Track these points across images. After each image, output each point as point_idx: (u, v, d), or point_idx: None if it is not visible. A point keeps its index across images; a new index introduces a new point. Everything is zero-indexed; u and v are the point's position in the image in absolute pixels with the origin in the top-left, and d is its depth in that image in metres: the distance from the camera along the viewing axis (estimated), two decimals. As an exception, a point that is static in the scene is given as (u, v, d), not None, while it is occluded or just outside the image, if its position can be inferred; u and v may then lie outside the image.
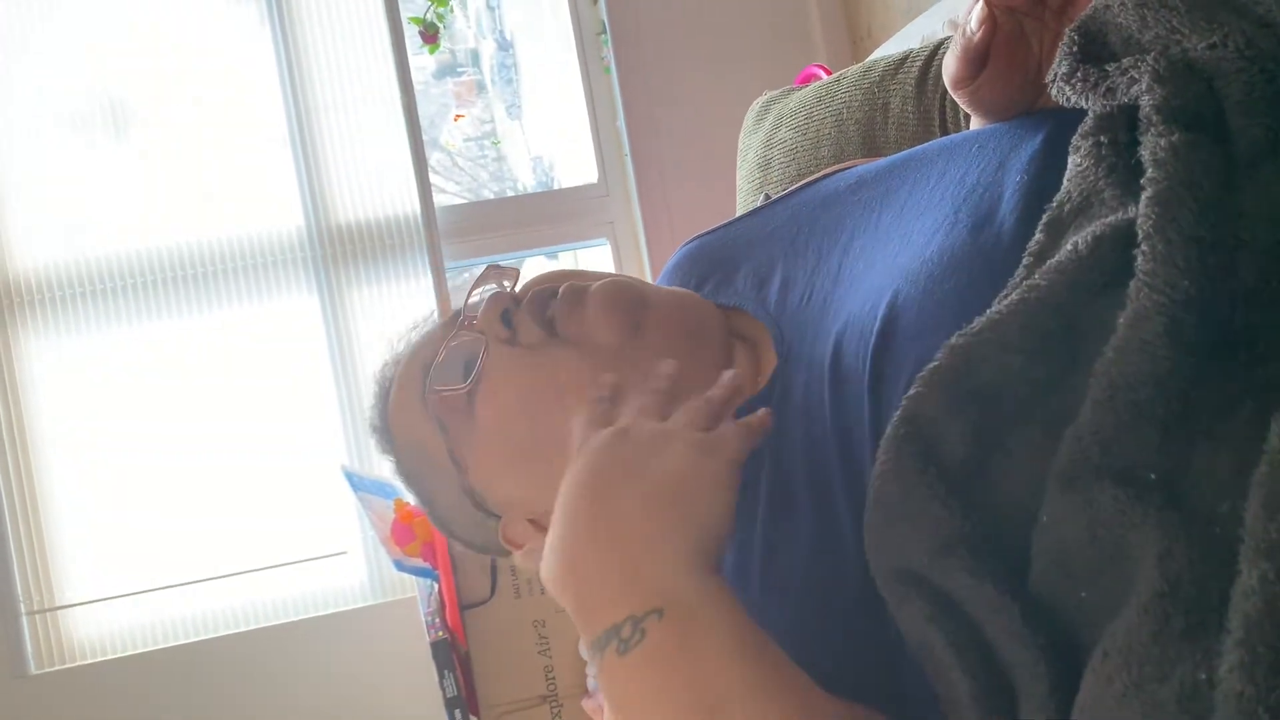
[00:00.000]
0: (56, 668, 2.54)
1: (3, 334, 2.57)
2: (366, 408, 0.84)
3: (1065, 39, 0.56)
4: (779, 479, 0.63)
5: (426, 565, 2.00)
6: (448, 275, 2.70)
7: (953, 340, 0.49)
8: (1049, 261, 0.49)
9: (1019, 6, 0.63)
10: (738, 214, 0.89)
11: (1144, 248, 0.44)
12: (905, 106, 1.10)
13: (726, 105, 2.43)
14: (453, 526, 0.80)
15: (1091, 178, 0.51)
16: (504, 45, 3.11)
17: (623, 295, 0.71)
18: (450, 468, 0.74)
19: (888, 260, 0.63)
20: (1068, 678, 0.42)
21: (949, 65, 0.65)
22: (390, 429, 0.79)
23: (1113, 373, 0.43)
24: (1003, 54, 0.63)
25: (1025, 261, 0.52)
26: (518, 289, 0.76)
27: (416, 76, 2.78)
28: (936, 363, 0.49)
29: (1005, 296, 0.49)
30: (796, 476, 0.62)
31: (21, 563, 2.54)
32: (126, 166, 2.67)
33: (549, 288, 0.73)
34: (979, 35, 0.62)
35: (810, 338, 0.66)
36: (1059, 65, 0.56)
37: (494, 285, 0.77)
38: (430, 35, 2.73)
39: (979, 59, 0.63)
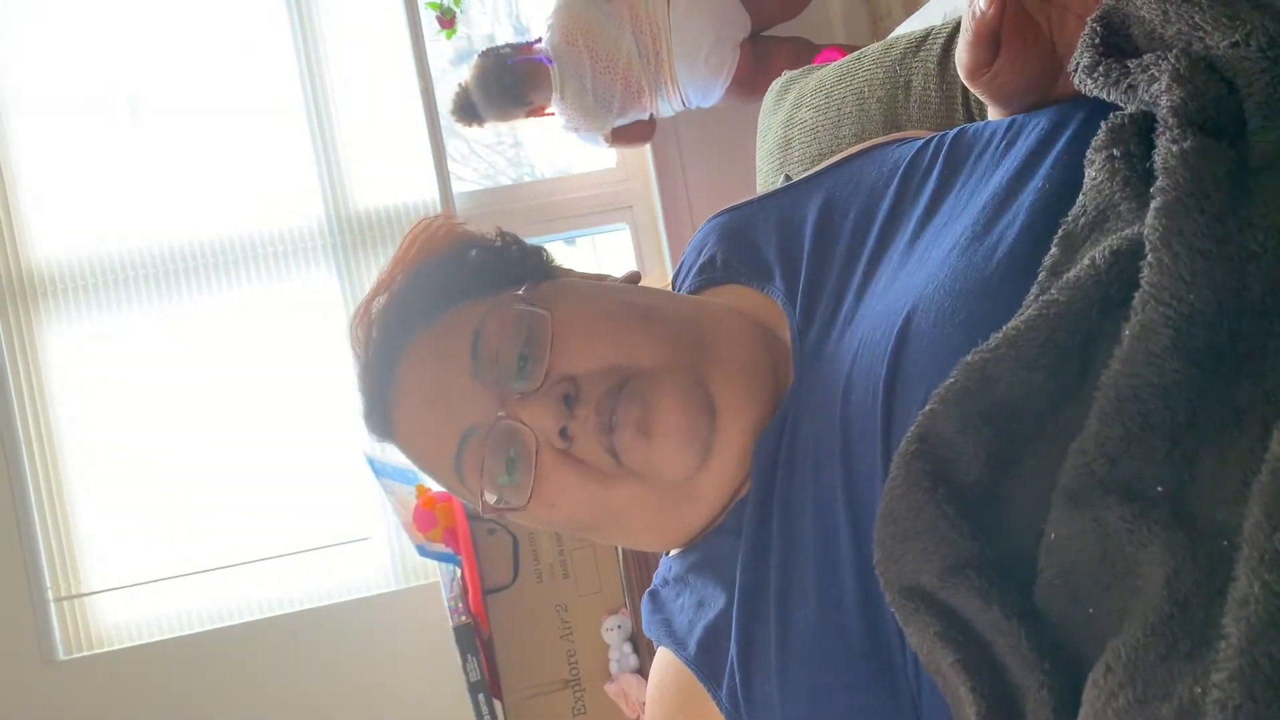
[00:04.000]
0: (85, 653, 2.57)
1: (27, 324, 2.59)
2: (355, 390, 0.75)
3: (1087, 29, 0.55)
4: (788, 519, 0.62)
5: (449, 550, 2.01)
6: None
7: (969, 358, 0.48)
8: (1066, 276, 0.48)
9: None
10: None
11: (1150, 259, 0.43)
12: (928, 85, 1.09)
13: (745, 87, 2.42)
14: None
15: (1106, 191, 0.50)
16: (520, 30, 3.10)
17: (691, 427, 0.64)
18: (485, 509, 0.71)
19: (905, 278, 0.62)
20: (1072, 698, 0.42)
21: (962, 55, 0.63)
22: (401, 443, 0.74)
23: (1120, 385, 0.42)
24: (1014, 35, 0.61)
25: (1040, 277, 0.51)
26: (552, 341, 0.66)
27: (434, 63, 2.77)
28: (952, 380, 0.48)
29: (1022, 313, 0.49)
30: (805, 517, 0.60)
31: (49, 550, 2.57)
32: (146, 157, 2.69)
33: (605, 392, 0.64)
34: (991, 11, 0.60)
35: (825, 359, 0.65)
36: (1080, 56, 0.55)
37: (521, 331, 0.67)
38: (447, 20, 2.73)
39: (992, 40, 0.61)
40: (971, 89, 0.66)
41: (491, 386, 0.66)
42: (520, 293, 0.69)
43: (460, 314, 0.70)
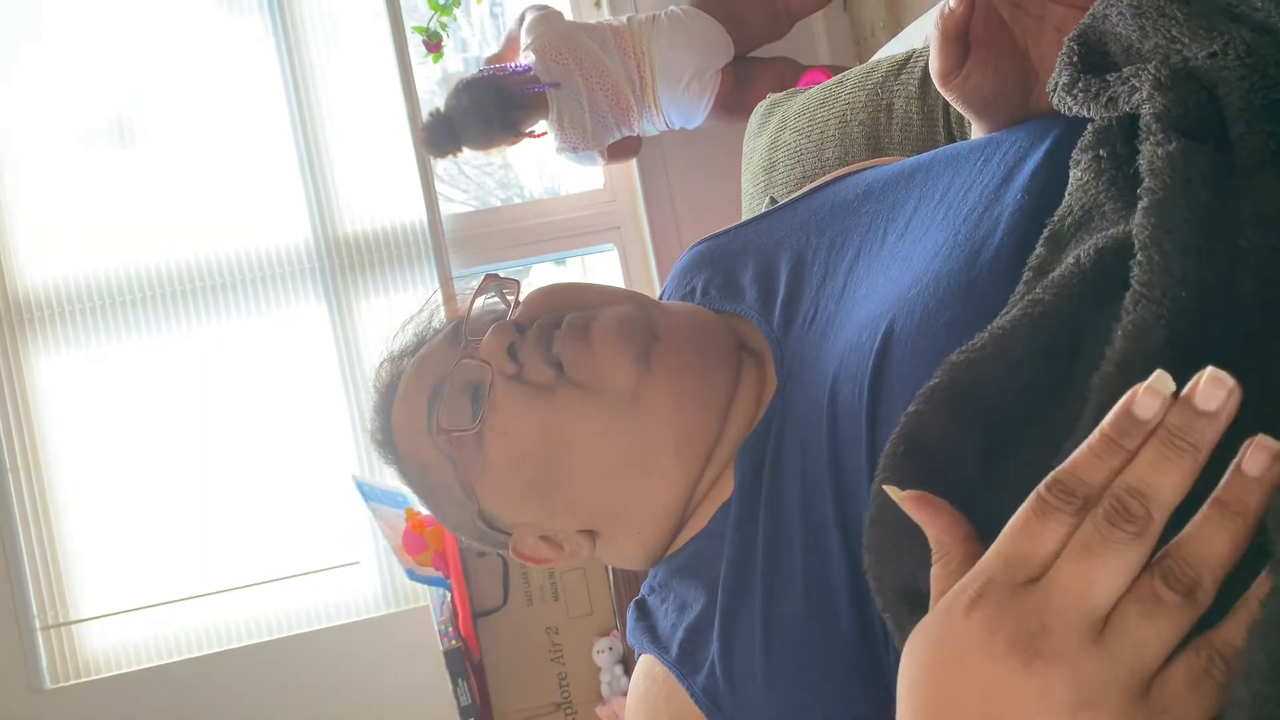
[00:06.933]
0: (72, 682, 2.55)
1: (14, 350, 2.58)
2: (367, 416, 0.82)
3: (1064, 48, 0.56)
4: (775, 518, 0.62)
5: (439, 574, 2.01)
6: (455, 283, 2.71)
7: (954, 357, 0.48)
8: (1051, 275, 0.48)
9: None
10: (744, 218, 0.89)
11: (1140, 258, 0.43)
12: (909, 107, 1.10)
13: (731, 108, 2.44)
14: (461, 535, 0.81)
15: (1092, 191, 0.50)
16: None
17: (630, 332, 0.68)
18: (459, 491, 0.74)
19: (887, 284, 0.62)
20: None
21: (933, 58, 0.65)
22: (396, 446, 0.78)
23: (1113, 385, 0.42)
24: (983, 38, 0.63)
25: (1025, 277, 0.51)
26: (519, 304, 0.74)
27: (421, 86, 2.78)
28: (937, 380, 0.47)
29: (1007, 313, 0.49)
30: (792, 516, 0.61)
31: (36, 578, 2.55)
32: (134, 182, 2.68)
33: (553, 317, 0.71)
34: (960, 9, 0.61)
35: (810, 363, 0.65)
36: (1059, 75, 0.55)
37: (495, 296, 0.75)
38: (434, 44, 2.73)
39: (961, 40, 0.63)
40: (944, 95, 0.67)
41: (461, 347, 0.73)
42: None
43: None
